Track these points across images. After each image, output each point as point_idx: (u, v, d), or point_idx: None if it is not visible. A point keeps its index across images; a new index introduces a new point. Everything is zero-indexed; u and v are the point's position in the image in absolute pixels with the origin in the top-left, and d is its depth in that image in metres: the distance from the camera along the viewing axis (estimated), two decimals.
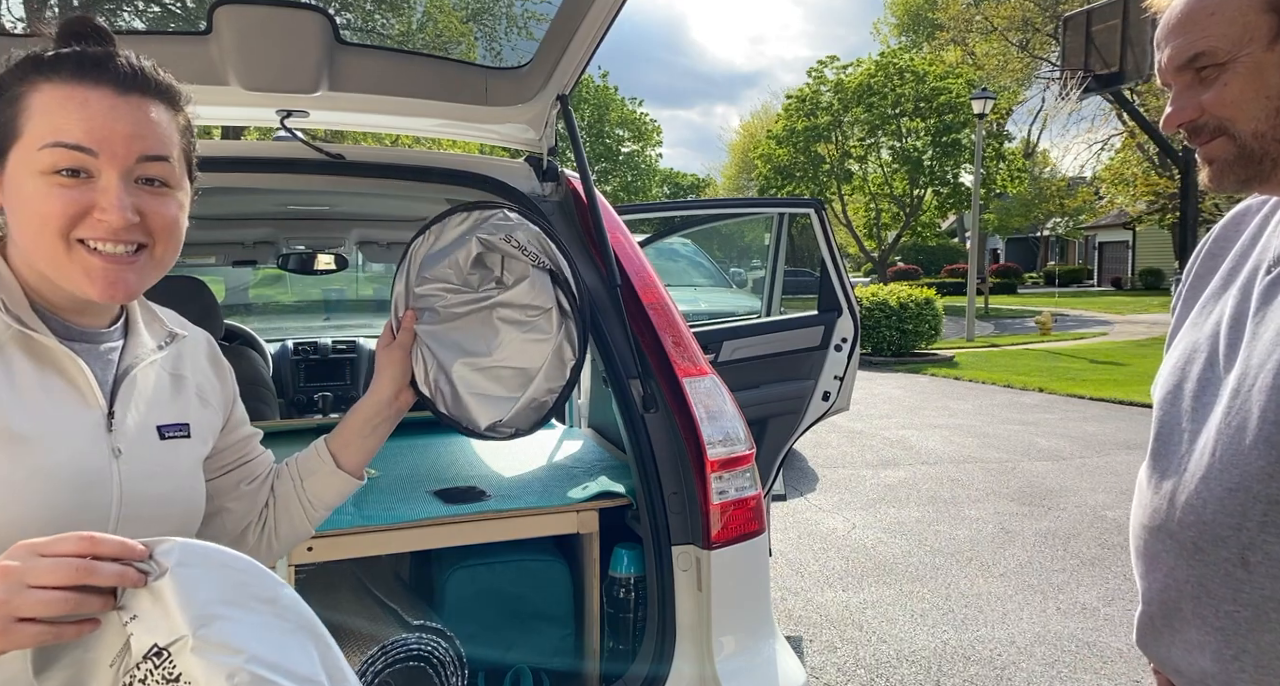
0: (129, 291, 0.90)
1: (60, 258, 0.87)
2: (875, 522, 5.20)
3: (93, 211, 0.85)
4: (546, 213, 2.05)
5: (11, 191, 0.88)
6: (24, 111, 0.86)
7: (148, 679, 0.74)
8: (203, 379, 1.09)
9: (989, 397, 10.12)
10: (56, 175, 0.85)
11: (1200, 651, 0.91)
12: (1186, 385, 0.96)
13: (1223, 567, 0.87)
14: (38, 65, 0.87)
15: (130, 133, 0.87)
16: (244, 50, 1.72)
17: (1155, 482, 0.98)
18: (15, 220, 0.88)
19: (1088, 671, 3.27)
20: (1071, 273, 37.73)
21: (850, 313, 3.76)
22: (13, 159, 0.87)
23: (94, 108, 0.85)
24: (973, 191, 19.59)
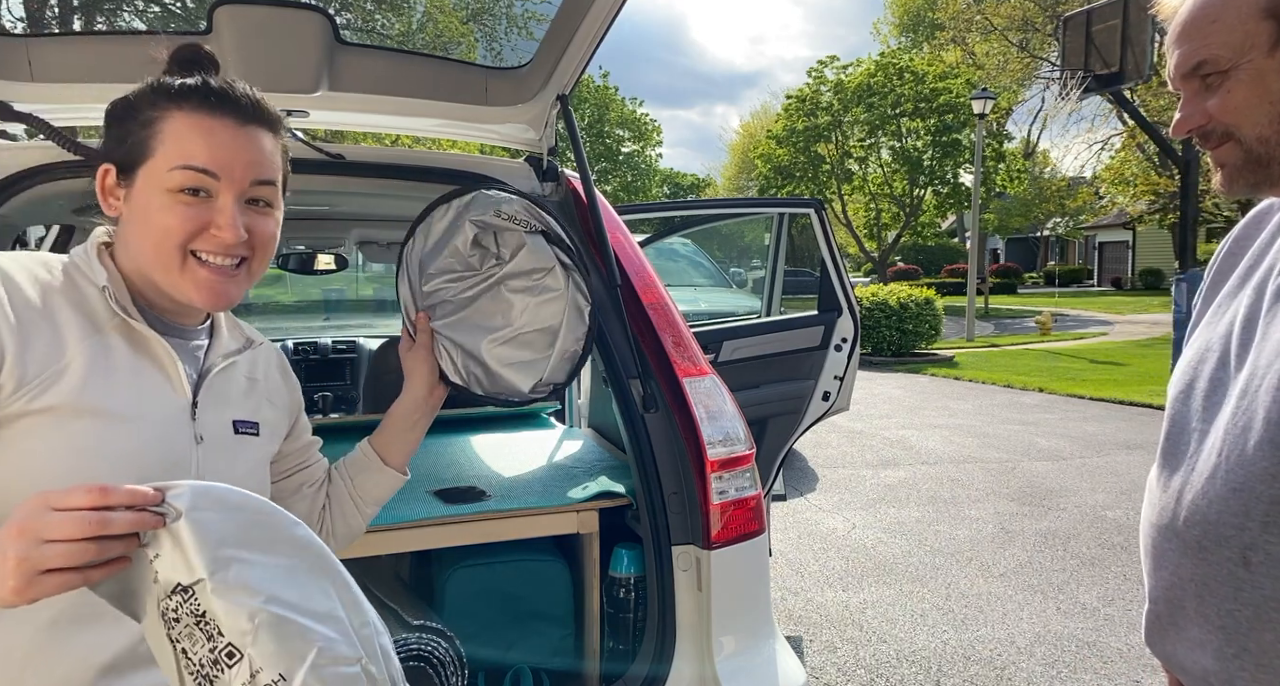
0: (229, 301, 1.01)
1: (174, 268, 0.97)
2: (875, 522, 5.20)
3: (209, 228, 0.97)
4: (547, 213, 2.04)
5: (137, 204, 0.98)
6: (157, 135, 0.97)
7: (179, 610, 0.77)
8: (273, 386, 1.19)
9: (989, 398, 10.12)
10: (181, 193, 0.96)
11: (1203, 649, 0.91)
12: (1198, 384, 0.97)
13: (1225, 567, 0.88)
14: (169, 93, 0.98)
15: (247, 160, 0.98)
16: (244, 50, 1.72)
17: (1164, 481, 0.99)
18: (135, 229, 0.98)
19: (1088, 671, 3.27)
20: (1071, 273, 37.72)
21: (850, 313, 3.76)
22: (142, 176, 0.98)
23: (219, 136, 0.97)
24: (973, 191, 19.59)
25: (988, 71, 25.85)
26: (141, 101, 0.99)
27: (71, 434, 0.90)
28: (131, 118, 0.99)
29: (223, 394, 1.07)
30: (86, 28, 13.69)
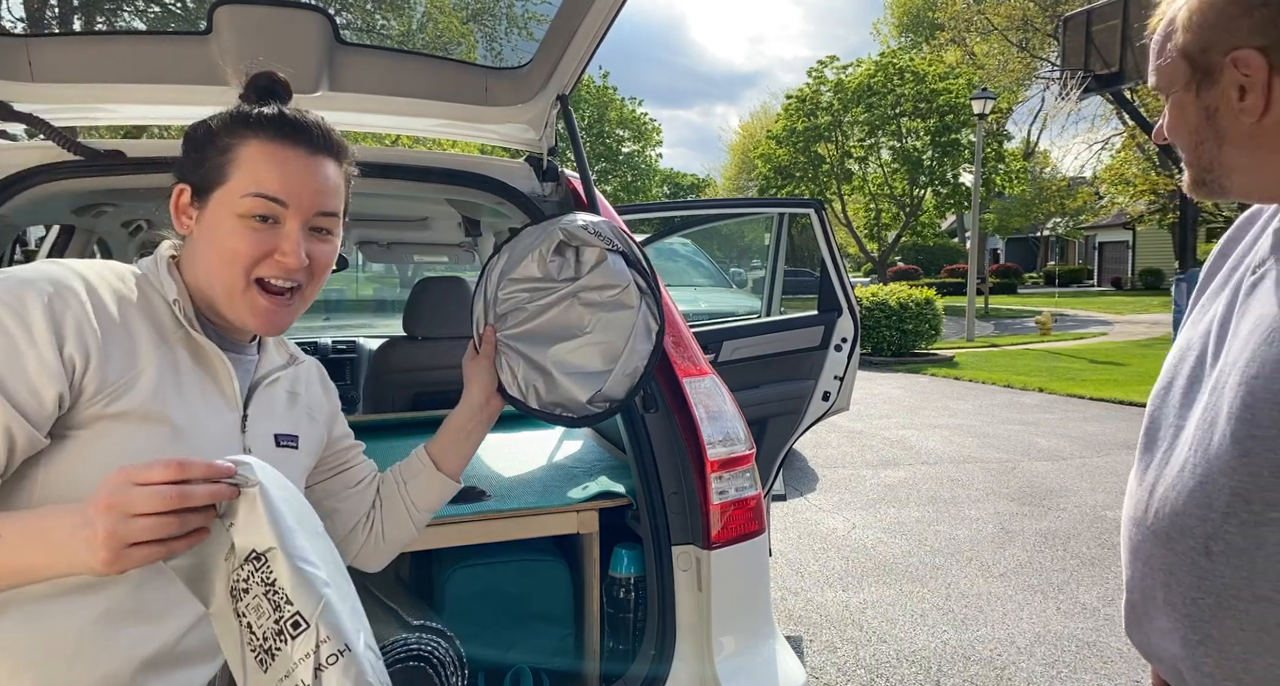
0: (280, 328, 1.06)
1: (236, 291, 1.02)
2: (875, 522, 5.20)
3: (275, 253, 1.02)
4: (546, 213, 2.05)
5: (209, 225, 1.03)
6: (233, 161, 1.02)
7: (250, 579, 0.80)
8: (314, 399, 1.24)
9: (989, 397, 10.12)
10: (251, 218, 1.01)
11: (1171, 637, 0.96)
12: (1177, 381, 1.01)
13: (1189, 556, 0.92)
14: (247, 122, 1.03)
15: (315, 190, 1.04)
16: (244, 50, 1.71)
17: (1140, 476, 1.04)
18: (205, 249, 1.03)
19: (1088, 671, 3.27)
20: (1071, 273, 37.72)
21: (850, 313, 3.76)
22: (216, 199, 1.02)
23: (290, 165, 1.02)
24: (973, 191, 19.60)
25: (988, 71, 25.85)
26: (222, 128, 1.04)
27: (140, 439, 0.94)
28: (210, 143, 1.04)
29: (267, 408, 1.12)
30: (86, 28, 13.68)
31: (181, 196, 1.05)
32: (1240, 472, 0.86)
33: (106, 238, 3.44)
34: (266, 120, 1.04)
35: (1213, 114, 0.93)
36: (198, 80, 1.78)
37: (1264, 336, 0.87)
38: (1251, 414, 0.85)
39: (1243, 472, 0.86)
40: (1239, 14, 0.88)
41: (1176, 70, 0.95)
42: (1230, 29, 0.89)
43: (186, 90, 1.82)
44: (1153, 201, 23.67)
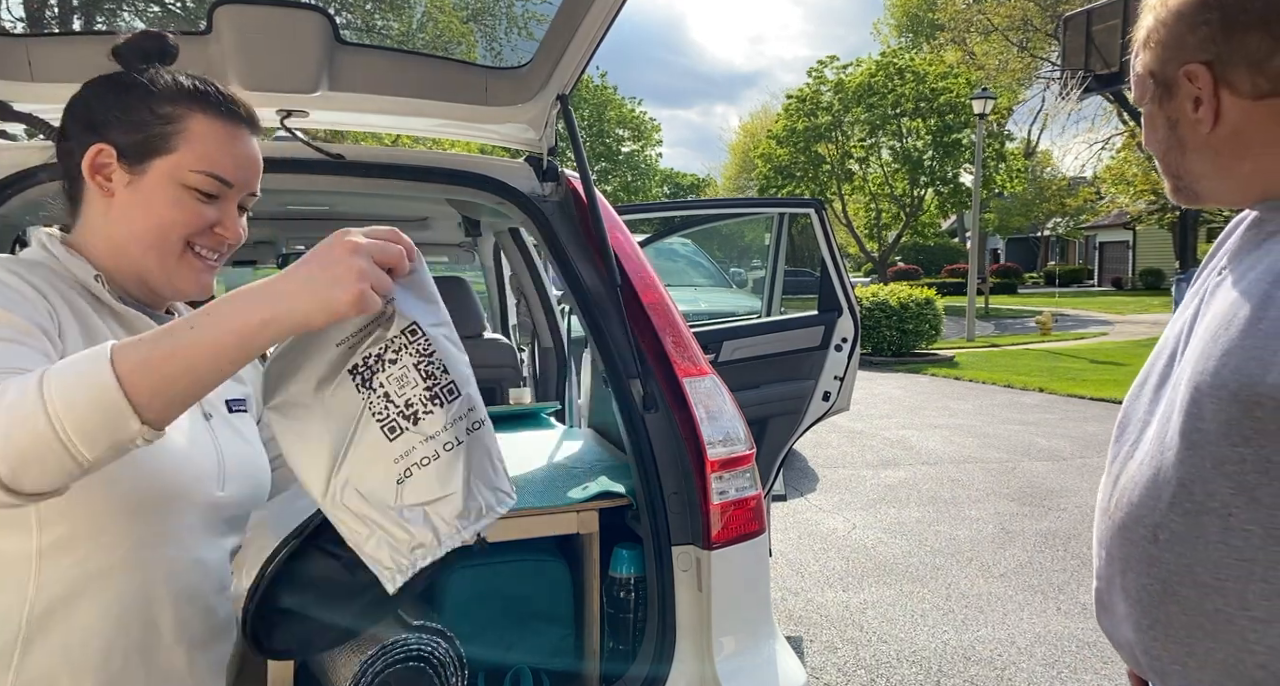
0: (210, 289, 1.06)
1: (172, 259, 1.02)
2: (875, 523, 5.20)
3: (214, 227, 1.03)
4: (547, 213, 2.05)
5: (146, 191, 1.00)
6: (180, 133, 1.01)
7: (401, 350, 0.87)
8: None
9: (989, 398, 10.12)
10: (196, 191, 1.01)
11: (1126, 622, 1.00)
12: (1149, 380, 1.05)
13: (1140, 545, 0.96)
14: (195, 96, 1.03)
15: (254, 173, 1.07)
16: (244, 50, 1.71)
17: (1109, 469, 1.08)
18: (139, 214, 1.01)
19: (1088, 671, 3.27)
20: (1072, 272, 37.72)
21: (850, 313, 3.76)
22: (158, 168, 1.00)
23: (239, 150, 1.04)
24: (973, 191, 19.59)
25: (988, 71, 25.84)
26: (165, 96, 1.02)
27: None
28: (146, 106, 1.01)
29: None
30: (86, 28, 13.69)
31: (101, 155, 1.00)
32: (1186, 464, 0.90)
33: None
34: (208, 95, 1.04)
35: (1175, 124, 1.00)
36: None
37: (1210, 335, 0.91)
38: (1197, 408, 0.89)
39: (1188, 464, 0.90)
40: (1186, 31, 0.95)
41: (1144, 85, 1.03)
42: (1180, 45, 0.96)
43: None
44: (1153, 201, 23.67)
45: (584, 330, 1.99)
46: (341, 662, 1.73)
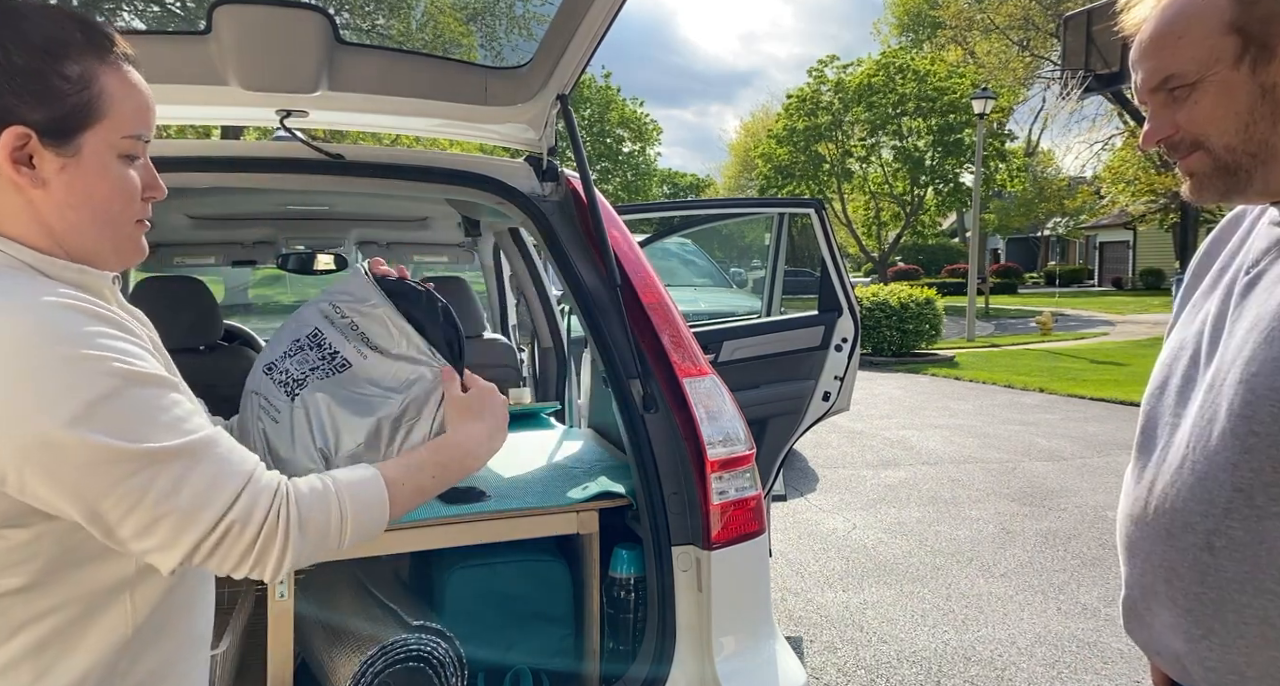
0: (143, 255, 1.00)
1: (128, 233, 0.93)
2: (876, 523, 5.20)
3: (146, 190, 0.94)
4: (546, 213, 2.04)
5: (87, 170, 0.88)
6: (101, 96, 0.87)
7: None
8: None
9: (989, 398, 10.11)
10: (126, 158, 0.91)
11: (1173, 632, 0.96)
12: (1171, 381, 1.02)
13: (1191, 552, 0.92)
14: (94, 46, 0.88)
15: (154, 116, 0.95)
16: (243, 50, 1.71)
17: (1137, 474, 1.05)
18: (77, 203, 0.87)
19: (1089, 671, 3.27)
20: (1072, 272, 37.70)
21: (850, 313, 3.76)
22: (90, 141, 0.88)
23: (144, 94, 0.93)
24: (973, 191, 19.58)
25: (989, 71, 25.83)
26: (64, 51, 0.86)
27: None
28: (54, 71, 0.85)
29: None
30: None
31: (30, 143, 0.85)
32: (1242, 469, 0.87)
33: None
34: (102, 39, 0.89)
35: (1271, 90, 0.88)
36: (197, 80, 1.78)
37: (1263, 335, 0.87)
38: (1252, 411, 0.86)
39: (1245, 469, 0.87)
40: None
41: (1218, 48, 0.89)
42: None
43: (186, 90, 1.82)
44: (1152, 201, 23.66)
45: (584, 330, 1.99)
46: (341, 662, 1.73)
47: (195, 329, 2.73)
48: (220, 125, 9.69)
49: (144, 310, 1.08)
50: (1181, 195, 1.02)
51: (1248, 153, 0.92)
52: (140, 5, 14.05)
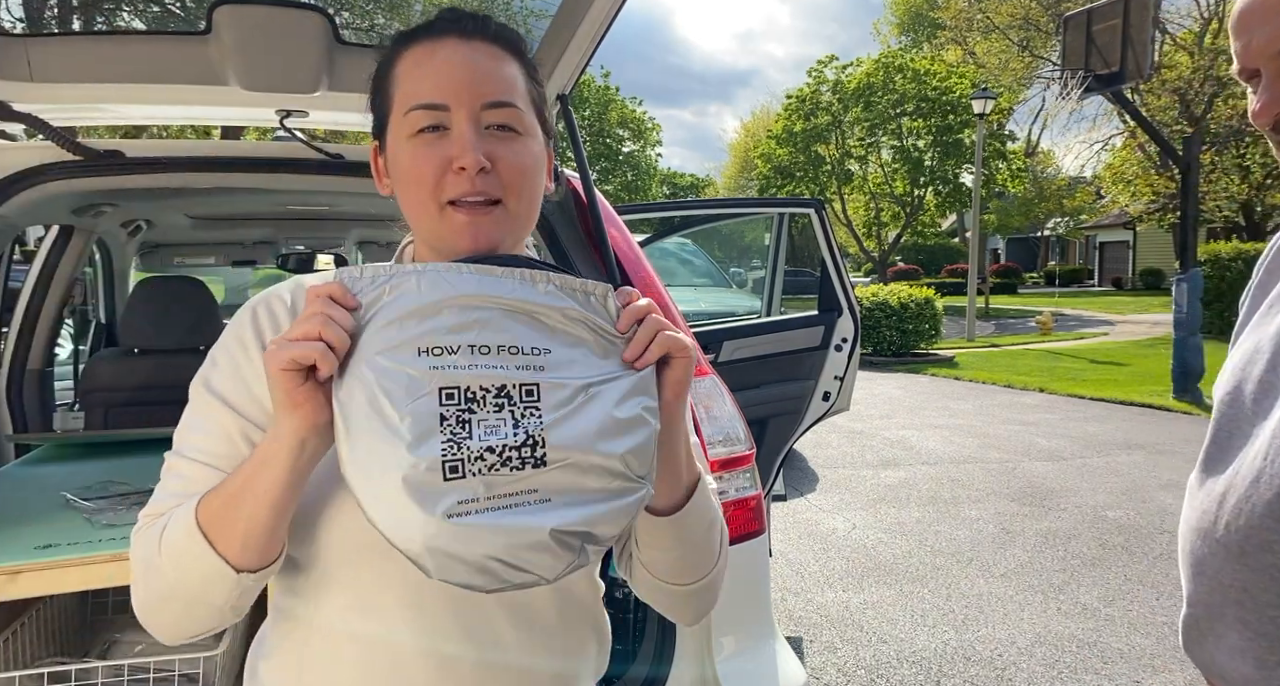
0: (491, 241, 0.86)
1: (436, 218, 0.86)
2: (875, 523, 5.20)
3: (451, 165, 0.84)
4: (546, 213, 2.04)
5: (392, 164, 0.89)
6: (393, 82, 0.88)
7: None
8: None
9: (989, 398, 10.11)
10: (421, 135, 0.85)
11: (1243, 656, 0.89)
12: (1246, 386, 0.94)
13: (1268, 572, 0.86)
14: (398, 39, 0.89)
15: (471, 78, 0.85)
16: (243, 50, 1.71)
17: (1207, 485, 0.96)
18: (400, 193, 0.89)
19: (1089, 672, 3.27)
20: (1072, 272, 37.71)
21: (850, 312, 3.76)
22: (389, 135, 0.88)
23: (441, 60, 0.85)
24: (973, 191, 19.59)
25: (989, 70, 25.84)
26: (382, 63, 0.90)
27: None
28: (378, 81, 0.90)
29: None
30: (85, 28, 13.68)
31: (376, 157, 0.93)
32: None
33: (106, 238, 3.43)
34: (418, 27, 0.89)
35: None
36: (197, 80, 1.78)
37: None
38: None
39: None
40: None
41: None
42: None
43: (186, 90, 1.82)
44: (1152, 201, 23.67)
45: None
46: None
47: (195, 329, 2.73)
48: (220, 125, 9.69)
49: (145, 310, 1.07)
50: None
51: None
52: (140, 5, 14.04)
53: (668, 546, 0.91)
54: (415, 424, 0.69)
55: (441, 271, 0.76)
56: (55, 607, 1.80)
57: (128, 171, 1.89)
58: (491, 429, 0.71)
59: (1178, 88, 19.73)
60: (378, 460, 0.69)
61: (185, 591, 0.81)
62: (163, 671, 1.61)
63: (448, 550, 0.68)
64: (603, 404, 0.76)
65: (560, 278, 0.79)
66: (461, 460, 0.69)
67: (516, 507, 0.70)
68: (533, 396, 0.74)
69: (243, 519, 0.78)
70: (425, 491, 0.68)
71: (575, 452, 0.73)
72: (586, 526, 0.72)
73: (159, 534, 0.82)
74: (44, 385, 2.96)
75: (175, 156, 1.93)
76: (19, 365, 2.87)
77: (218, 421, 0.86)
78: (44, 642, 1.74)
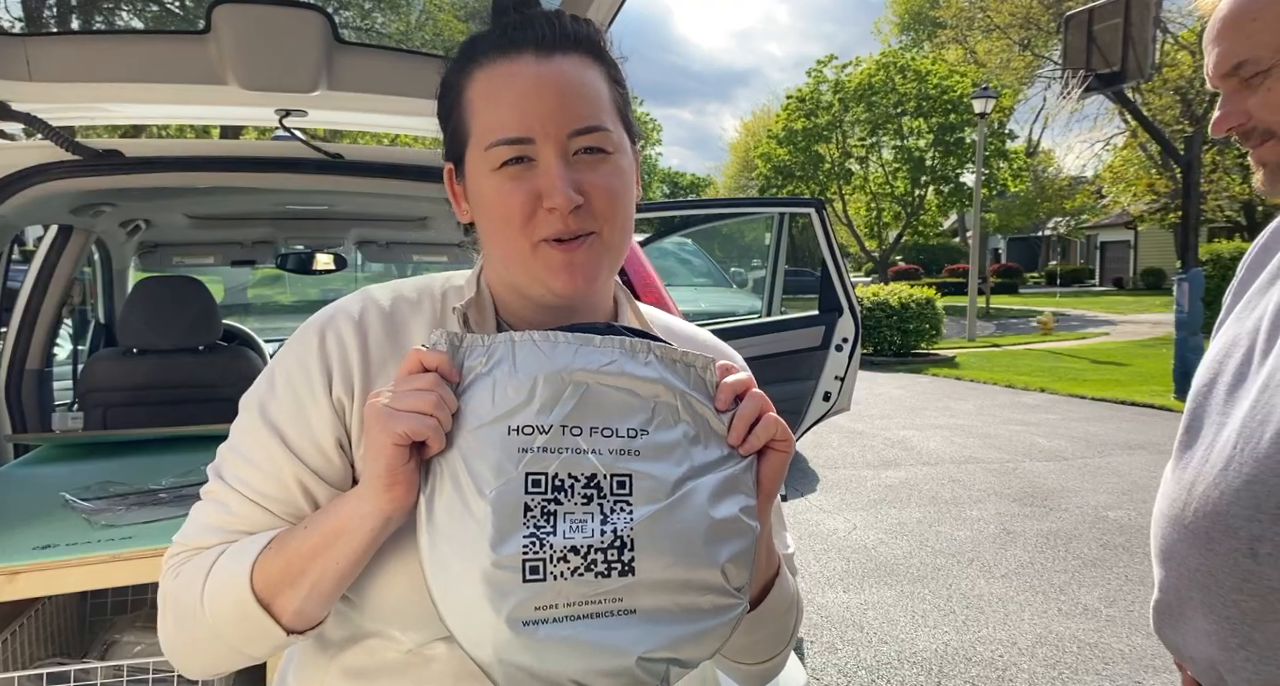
0: (588, 277, 0.79)
1: (528, 256, 0.79)
2: (876, 523, 5.19)
3: (541, 202, 0.77)
4: None
5: (475, 196, 0.82)
6: (468, 108, 0.80)
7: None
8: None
9: (990, 398, 10.11)
10: (504, 168, 0.78)
11: (1208, 639, 0.92)
12: (1222, 378, 0.96)
13: (1232, 558, 0.88)
14: (468, 51, 0.82)
15: (558, 105, 0.77)
16: (242, 49, 1.71)
17: (1178, 473, 0.99)
18: (483, 224, 0.82)
19: (1089, 672, 3.26)
20: (1073, 272, 37.70)
21: (851, 313, 3.76)
22: (469, 163, 0.81)
23: (519, 86, 0.77)
24: (974, 191, 19.58)
25: (990, 70, 25.83)
26: (453, 76, 0.82)
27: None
28: (447, 99, 0.83)
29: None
30: (84, 27, 13.69)
31: (451, 179, 0.86)
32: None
33: (105, 237, 3.43)
34: (485, 36, 0.81)
35: None
36: (196, 79, 1.78)
37: None
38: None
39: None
40: None
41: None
42: None
43: (185, 89, 1.81)
44: (1153, 201, 23.66)
45: None
46: None
47: (195, 329, 2.72)
48: (219, 125, 9.70)
49: (144, 310, 1.06)
50: (1254, 188, 0.97)
51: None
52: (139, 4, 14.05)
53: (742, 634, 0.83)
54: (498, 513, 0.64)
55: (539, 342, 0.71)
56: (54, 608, 1.79)
57: (127, 171, 1.89)
58: (578, 524, 0.65)
59: (1179, 87, 19.73)
60: (455, 553, 0.64)
61: (225, 642, 0.77)
62: (162, 672, 1.61)
63: (519, 662, 0.63)
64: (699, 501, 0.69)
65: (661, 348, 0.74)
66: (543, 560, 0.64)
67: (599, 618, 0.64)
68: (624, 489, 0.67)
69: (306, 586, 0.73)
70: (502, 592, 0.62)
71: (667, 560, 0.66)
72: (675, 652, 0.66)
73: (201, 581, 0.77)
74: (43, 385, 2.95)
75: (174, 156, 1.92)
76: (18, 365, 2.87)
77: (272, 460, 0.79)
78: (43, 643, 1.73)
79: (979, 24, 26.28)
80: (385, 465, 0.67)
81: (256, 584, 0.74)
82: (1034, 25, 23.67)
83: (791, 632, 0.91)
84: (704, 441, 0.72)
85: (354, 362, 0.80)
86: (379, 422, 0.67)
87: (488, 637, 0.63)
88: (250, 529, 0.78)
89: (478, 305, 0.84)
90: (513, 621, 0.62)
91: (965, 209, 30.26)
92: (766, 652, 0.89)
